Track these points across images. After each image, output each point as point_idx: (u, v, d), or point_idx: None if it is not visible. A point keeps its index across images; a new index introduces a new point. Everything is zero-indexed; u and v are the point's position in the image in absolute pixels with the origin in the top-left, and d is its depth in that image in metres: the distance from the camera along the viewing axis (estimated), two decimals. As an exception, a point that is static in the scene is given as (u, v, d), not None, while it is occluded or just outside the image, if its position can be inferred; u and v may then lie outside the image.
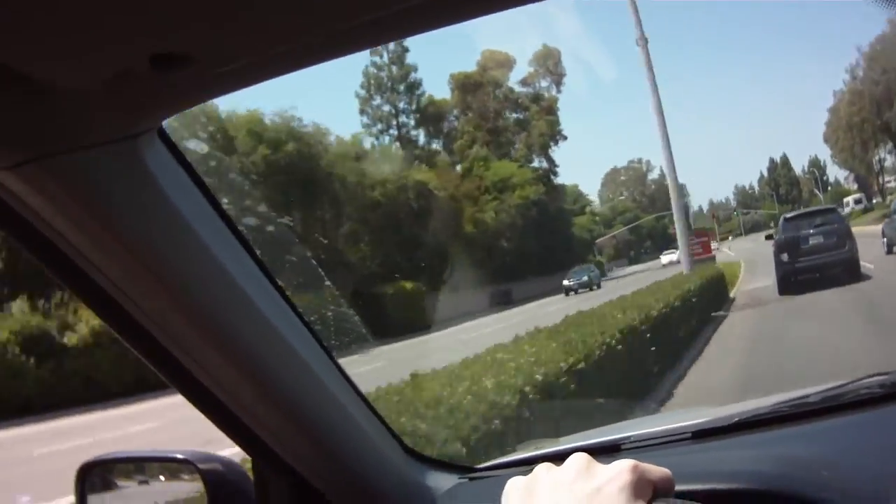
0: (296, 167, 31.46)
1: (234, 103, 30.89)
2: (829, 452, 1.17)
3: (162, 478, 1.44)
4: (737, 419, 1.38)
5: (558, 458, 0.77)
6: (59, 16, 0.62)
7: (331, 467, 1.26)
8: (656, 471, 0.70)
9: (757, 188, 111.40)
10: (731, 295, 18.77)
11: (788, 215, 18.51)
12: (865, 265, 15.91)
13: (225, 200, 1.05)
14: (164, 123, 0.93)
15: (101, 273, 0.95)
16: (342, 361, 1.27)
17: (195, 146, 1.17)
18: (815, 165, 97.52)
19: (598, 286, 38.52)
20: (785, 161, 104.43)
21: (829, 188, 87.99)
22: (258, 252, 1.09)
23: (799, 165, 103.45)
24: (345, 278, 27.10)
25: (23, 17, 0.62)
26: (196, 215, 0.97)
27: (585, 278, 39.99)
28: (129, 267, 0.94)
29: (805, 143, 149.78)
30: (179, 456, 1.35)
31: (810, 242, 15.89)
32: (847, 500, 1.01)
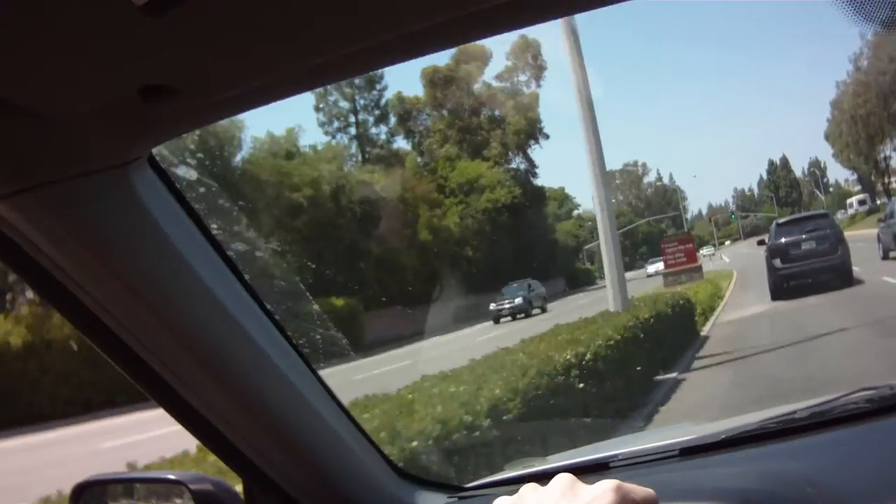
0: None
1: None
2: (816, 468, 1.18)
3: (154, 498, 1.44)
4: (724, 436, 1.38)
5: (546, 476, 0.78)
6: (48, 47, 0.64)
7: (320, 487, 1.27)
8: (640, 491, 0.71)
9: (756, 191, 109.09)
10: (704, 330, 13.42)
11: (780, 221, 18.59)
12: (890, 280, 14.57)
13: (214, 226, 1.06)
14: (155, 151, 0.94)
15: (94, 299, 0.96)
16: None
17: (185, 172, 1.18)
18: (816, 167, 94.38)
19: (543, 309, 30.92)
20: (785, 163, 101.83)
21: (831, 190, 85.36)
22: (247, 276, 1.10)
23: (799, 168, 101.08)
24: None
25: (12, 48, 0.63)
26: (186, 241, 0.98)
27: (519, 300, 30.57)
28: (121, 293, 0.95)
29: (805, 144, 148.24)
30: (171, 476, 1.36)
31: (802, 248, 15.99)
32: None
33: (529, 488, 0.75)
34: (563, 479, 0.73)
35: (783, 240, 16.47)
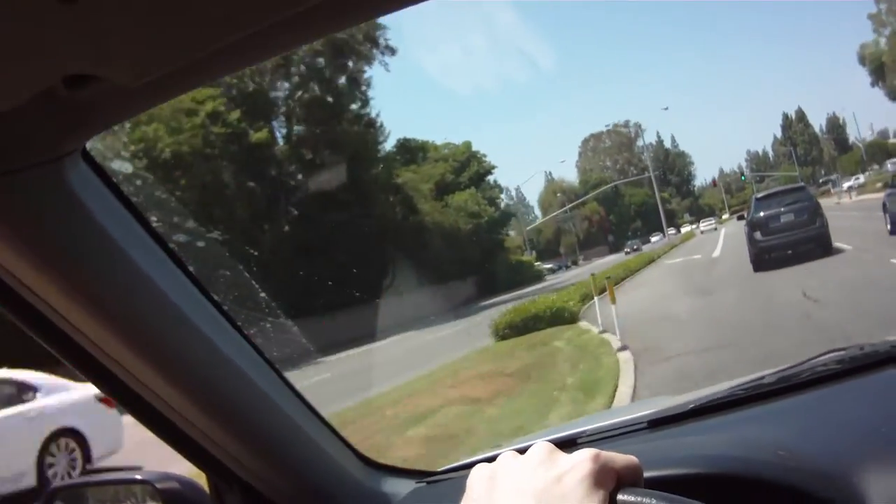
0: None
1: None
2: (787, 432, 1.17)
3: (123, 499, 1.44)
4: (692, 406, 1.38)
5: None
6: None
7: (285, 480, 1.26)
8: (620, 459, 0.70)
9: (771, 153, 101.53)
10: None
11: (759, 195, 18.94)
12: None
13: (153, 218, 1.05)
14: (88, 145, 0.92)
15: (37, 296, 0.94)
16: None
17: (120, 166, 1.16)
18: (834, 124, 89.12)
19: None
20: (801, 115, 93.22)
21: (853, 146, 77.79)
22: (191, 268, 1.08)
23: (815, 126, 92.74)
24: None
25: None
26: (125, 235, 0.97)
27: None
28: (62, 289, 0.93)
29: (820, 99, 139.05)
30: (138, 477, 1.37)
31: (782, 220, 16.42)
32: (805, 478, 1.01)
33: (508, 456, 0.74)
34: (541, 447, 0.73)
35: (762, 213, 16.87)
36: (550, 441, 1.31)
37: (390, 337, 22.79)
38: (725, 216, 75.31)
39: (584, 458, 0.68)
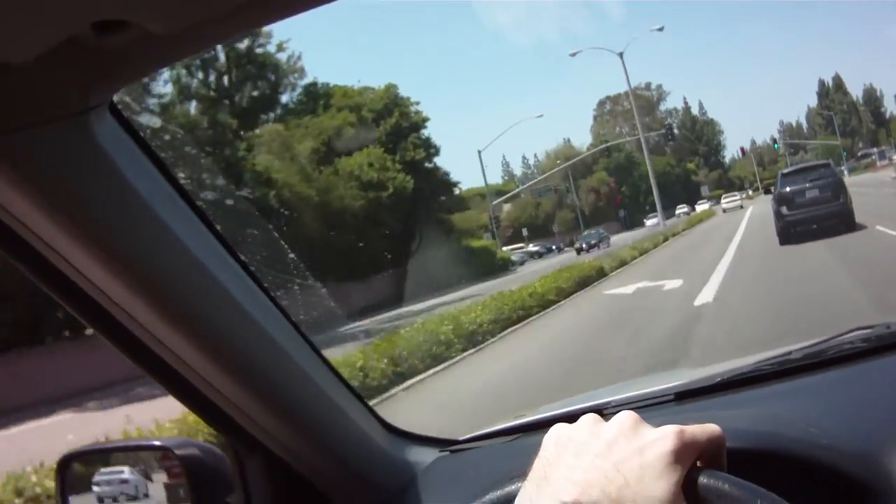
0: None
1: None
2: (815, 409, 1.17)
3: (141, 466, 1.43)
4: (719, 379, 1.37)
5: (541, 426, 0.75)
6: None
7: (308, 446, 1.25)
8: (702, 433, 0.69)
9: (805, 124, 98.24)
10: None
11: (785, 171, 19.51)
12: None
13: (182, 175, 1.02)
14: (116, 98, 0.90)
15: (61, 256, 0.92)
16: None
17: (148, 120, 1.13)
18: (871, 96, 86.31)
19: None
20: (839, 83, 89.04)
21: (890, 119, 75.49)
22: (219, 227, 1.06)
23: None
24: None
25: None
26: (153, 191, 0.94)
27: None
28: (87, 248, 0.91)
29: (859, 67, 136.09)
30: (157, 443, 1.36)
31: (807, 196, 16.97)
32: (836, 455, 1.00)
33: (590, 419, 0.74)
34: (626, 416, 0.72)
35: (788, 188, 17.43)
36: (576, 412, 1.30)
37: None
38: (750, 192, 70.83)
39: (666, 433, 0.68)
